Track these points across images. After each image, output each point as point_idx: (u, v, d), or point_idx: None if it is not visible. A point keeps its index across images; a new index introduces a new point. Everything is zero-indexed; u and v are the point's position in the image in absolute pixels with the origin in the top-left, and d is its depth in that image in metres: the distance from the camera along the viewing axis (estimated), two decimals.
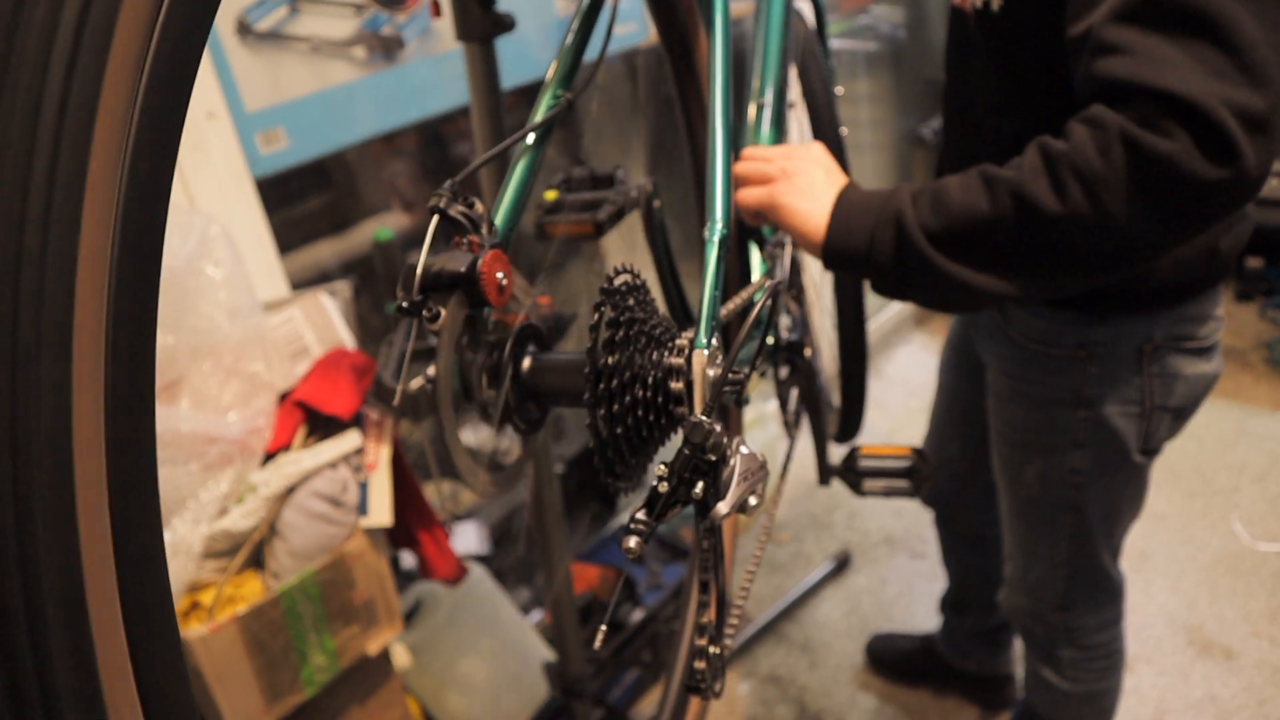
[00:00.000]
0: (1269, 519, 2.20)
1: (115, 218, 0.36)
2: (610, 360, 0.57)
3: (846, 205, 0.91)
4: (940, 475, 1.58)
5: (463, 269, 0.55)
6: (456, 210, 0.57)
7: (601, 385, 0.57)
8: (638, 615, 1.88)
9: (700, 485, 0.55)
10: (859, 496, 1.26)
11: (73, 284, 0.34)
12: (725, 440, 0.54)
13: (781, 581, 2.24)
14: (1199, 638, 1.93)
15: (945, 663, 1.87)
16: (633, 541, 0.53)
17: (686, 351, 0.58)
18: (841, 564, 2.26)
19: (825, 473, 1.35)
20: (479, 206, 0.59)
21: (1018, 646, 1.83)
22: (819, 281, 1.50)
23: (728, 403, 0.63)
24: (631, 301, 0.60)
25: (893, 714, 1.89)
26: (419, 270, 0.55)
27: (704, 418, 0.54)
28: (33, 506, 0.33)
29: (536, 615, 1.89)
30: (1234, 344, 2.85)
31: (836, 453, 1.37)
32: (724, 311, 0.64)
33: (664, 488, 0.54)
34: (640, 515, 0.54)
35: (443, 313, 0.55)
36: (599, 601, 1.89)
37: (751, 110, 1.14)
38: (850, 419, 1.51)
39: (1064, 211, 0.78)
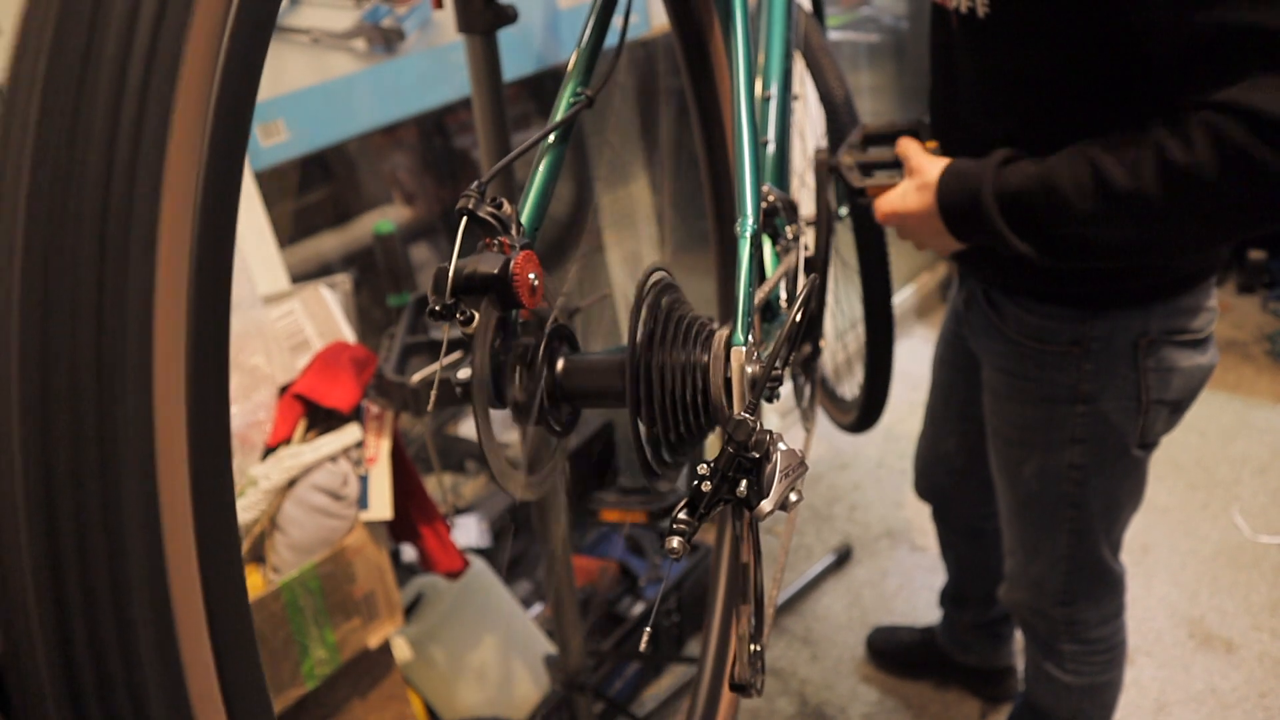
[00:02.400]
0: (1270, 511, 2.20)
1: (194, 215, 0.36)
2: (649, 359, 0.57)
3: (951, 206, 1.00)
4: (937, 470, 1.58)
5: (495, 271, 0.54)
6: (485, 211, 0.57)
7: (641, 385, 0.57)
8: (639, 609, 1.88)
9: (744, 484, 0.54)
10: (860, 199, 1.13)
11: (153, 279, 0.35)
12: (768, 437, 0.54)
13: (783, 574, 2.24)
14: (1200, 630, 1.93)
15: (946, 655, 1.87)
16: (675, 542, 0.52)
17: (724, 348, 0.58)
18: (842, 557, 2.26)
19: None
20: (507, 207, 0.58)
21: (1018, 639, 1.83)
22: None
23: (766, 399, 0.63)
24: (666, 300, 0.60)
25: (894, 707, 1.89)
26: (451, 273, 0.54)
27: (748, 415, 0.53)
28: (121, 503, 0.34)
29: (537, 608, 1.90)
30: (1236, 337, 2.84)
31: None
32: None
33: (707, 487, 0.54)
34: (683, 515, 0.54)
35: (476, 316, 0.54)
36: (600, 595, 1.89)
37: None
38: (871, 407, 1.50)
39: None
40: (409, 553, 1.64)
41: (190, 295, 0.36)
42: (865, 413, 1.59)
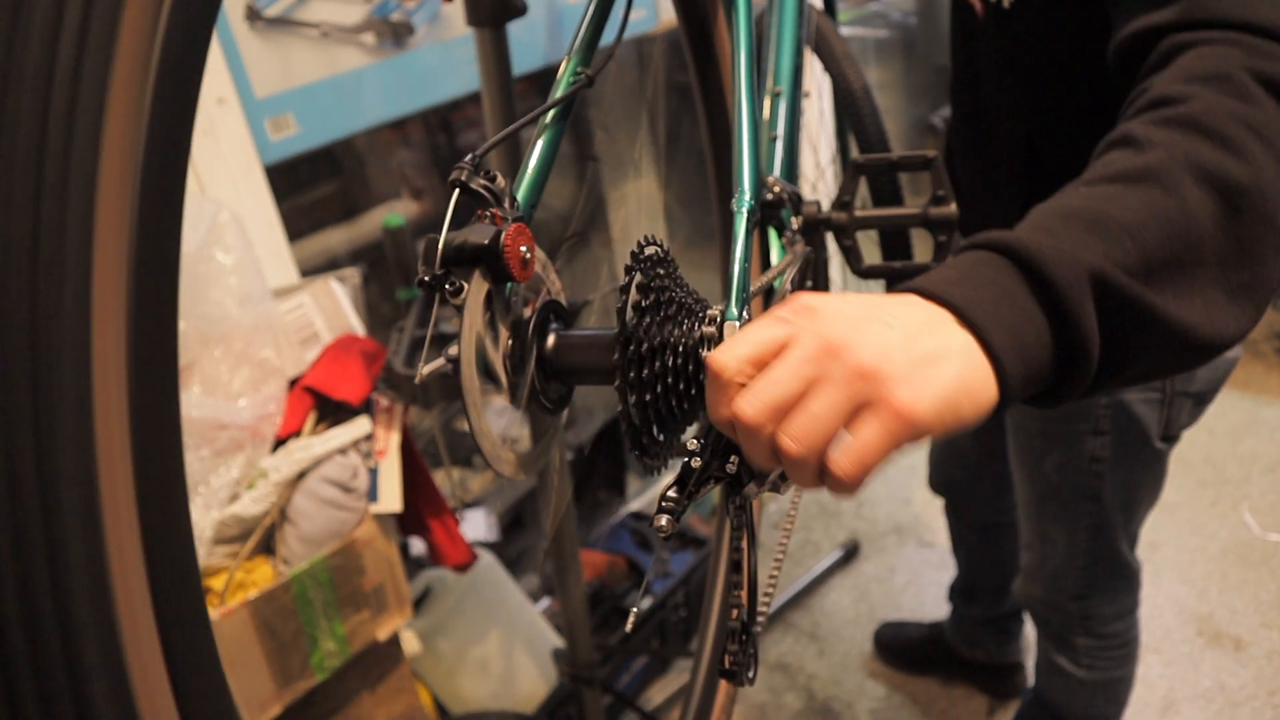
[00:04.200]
0: (1279, 509, 2.20)
1: (133, 199, 0.35)
2: (640, 330, 0.56)
3: (989, 317, 0.49)
4: (952, 464, 1.58)
5: (486, 241, 0.53)
6: (478, 184, 0.55)
7: (631, 350, 0.55)
8: (646, 603, 1.88)
9: (734, 459, 0.53)
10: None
11: (90, 260, 0.34)
12: None
13: (790, 570, 2.24)
14: (1208, 628, 1.93)
15: (954, 651, 1.87)
16: (664, 520, 0.51)
17: (718, 321, 0.57)
18: (850, 552, 2.26)
19: None
20: (500, 181, 0.57)
21: (1026, 635, 1.82)
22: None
23: None
24: (660, 271, 0.59)
25: (901, 702, 1.89)
26: (441, 243, 0.53)
27: None
28: (60, 501, 0.33)
29: (545, 602, 1.90)
30: None
31: None
32: (754, 286, 0.62)
33: (696, 463, 0.53)
34: (671, 493, 0.52)
35: (465, 287, 0.53)
36: (607, 589, 1.89)
37: (766, 101, 1.13)
38: None
39: (1255, 173, 0.55)
40: (417, 546, 1.64)
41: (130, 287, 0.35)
42: None
